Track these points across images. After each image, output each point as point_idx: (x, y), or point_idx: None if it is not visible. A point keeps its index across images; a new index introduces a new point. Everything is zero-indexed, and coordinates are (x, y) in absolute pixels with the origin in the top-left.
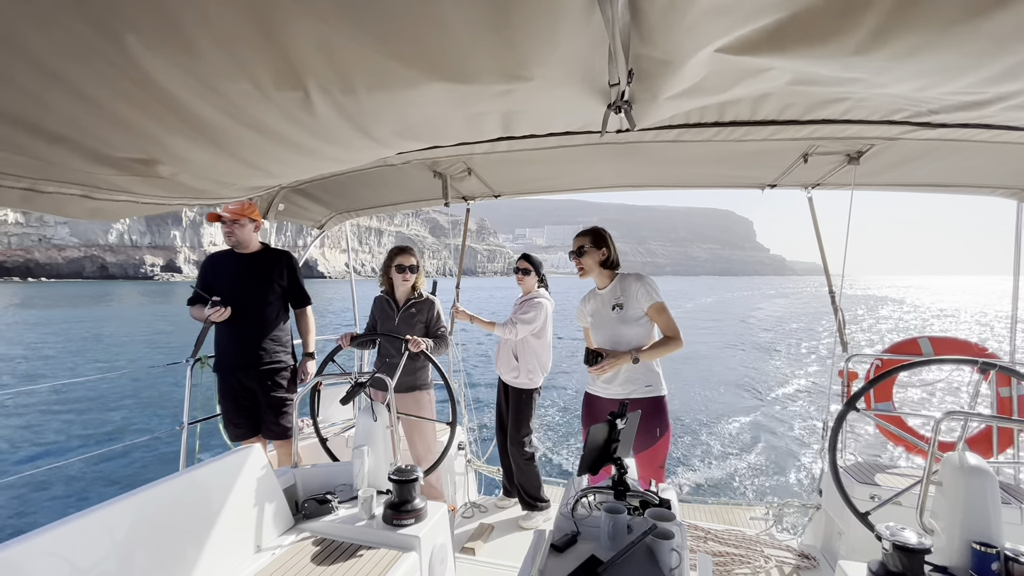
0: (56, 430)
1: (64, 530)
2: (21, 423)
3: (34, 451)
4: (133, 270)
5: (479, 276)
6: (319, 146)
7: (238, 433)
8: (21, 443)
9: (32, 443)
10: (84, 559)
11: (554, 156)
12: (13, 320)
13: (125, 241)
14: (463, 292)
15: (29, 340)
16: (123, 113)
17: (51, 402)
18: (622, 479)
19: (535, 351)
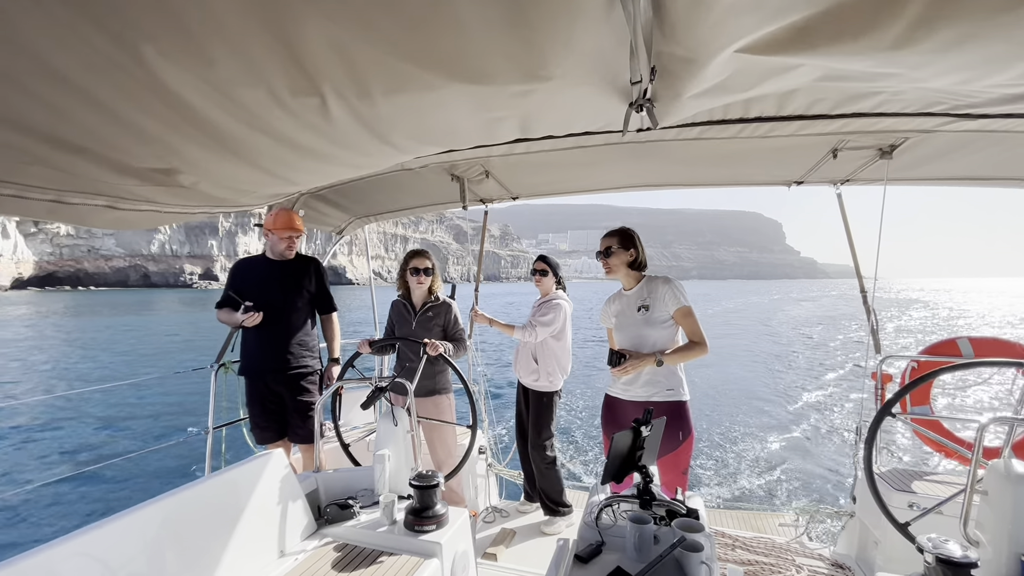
0: (87, 435)
1: (96, 534)
2: (57, 428)
3: (65, 456)
4: (173, 278)
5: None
6: (336, 152)
7: (264, 436)
8: (52, 448)
9: (63, 448)
10: (115, 562)
11: (573, 157)
12: (63, 326)
13: (166, 251)
14: (483, 297)
15: (77, 346)
16: (142, 123)
17: (86, 407)
18: (648, 488)
19: (555, 353)
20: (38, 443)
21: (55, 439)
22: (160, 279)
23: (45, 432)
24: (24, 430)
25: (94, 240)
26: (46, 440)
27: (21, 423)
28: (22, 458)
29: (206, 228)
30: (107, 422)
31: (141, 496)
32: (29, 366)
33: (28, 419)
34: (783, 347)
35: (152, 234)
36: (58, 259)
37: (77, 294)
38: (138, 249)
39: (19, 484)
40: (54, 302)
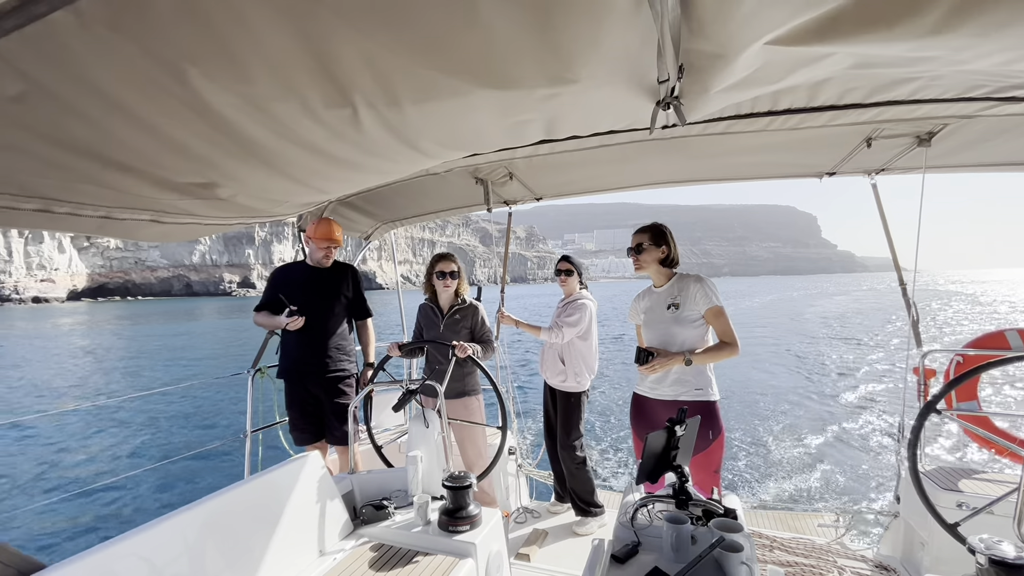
0: (132, 440)
1: (144, 536)
2: (104, 434)
3: (110, 462)
4: (214, 287)
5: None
6: (365, 160)
7: (303, 438)
8: (99, 454)
9: (110, 454)
10: (162, 562)
11: (597, 156)
12: (122, 334)
13: (206, 261)
14: (509, 299)
15: (126, 353)
16: (185, 141)
17: (129, 413)
18: (683, 487)
19: (581, 354)
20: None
21: (108, 443)
22: (201, 288)
23: (98, 436)
24: (78, 436)
25: (140, 252)
26: (99, 444)
27: (76, 429)
28: (77, 462)
29: (243, 238)
30: (152, 427)
31: (186, 498)
32: (86, 373)
33: (83, 425)
34: (816, 342)
35: (193, 245)
36: (108, 271)
37: (126, 304)
38: (181, 260)
39: (73, 489)
40: (106, 312)
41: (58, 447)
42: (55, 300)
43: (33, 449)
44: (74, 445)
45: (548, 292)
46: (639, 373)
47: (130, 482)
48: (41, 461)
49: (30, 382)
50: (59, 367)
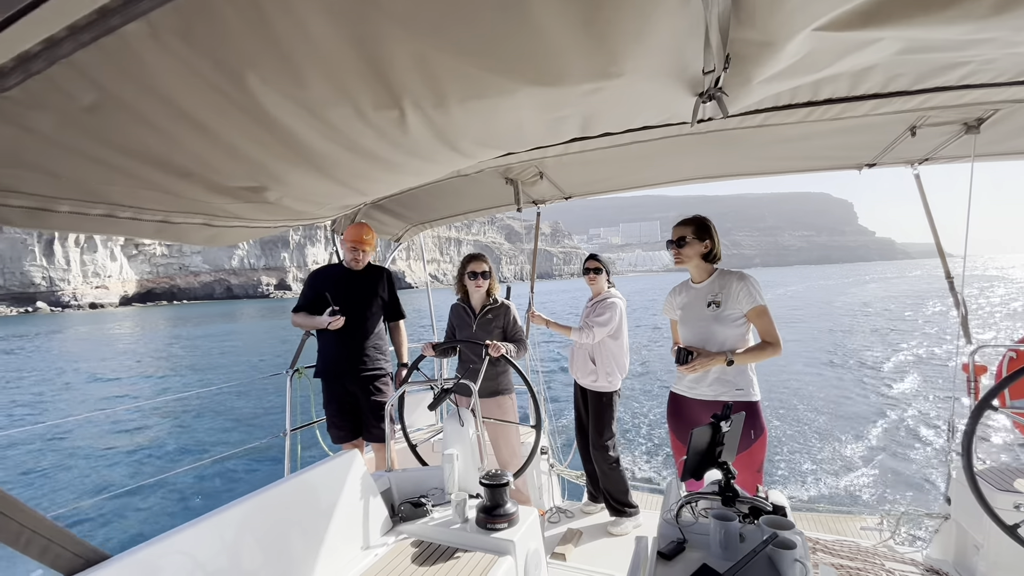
0: (177, 438)
1: (190, 532)
2: (152, 433)
3: (159, 459)
4: (252, 290)
5: (556, 279)
6: (406, 161)
7: (340, 436)
8: (148, 452)
9: (157, 451)
10: (208, 558)
11: (627, 153)
12: (164, 337)
13: (245, 265)
14: (537, 295)
15: (175, 355)
16: (240, 145)
17: (175, 413)
18: (730, 484)
19: (612, 353)
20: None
21: (156, 441)
22: (241, 291)
23: (146, 434)
24: (126, 434)
25: (184, 258)
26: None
27: (127, 427)
28: (125, 460)
29: (278, 242)
30: (196, 426)
31: (229, 495)
32: (138, 374)
33: (131, 425)
34: (852, 334)
35: (232, 250)
36: (155, 277)
37: (172, 307)
38: (221, 264)
39: (121, 486)
40: (154, 316)
41: (111, 445)
42: (109, 305)
43: (87, 447)
44: (125, 443)
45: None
46: (678, 372)
47: (176, 479)
48: (94, 458)
49: (88, 383)
50: (114, 369)
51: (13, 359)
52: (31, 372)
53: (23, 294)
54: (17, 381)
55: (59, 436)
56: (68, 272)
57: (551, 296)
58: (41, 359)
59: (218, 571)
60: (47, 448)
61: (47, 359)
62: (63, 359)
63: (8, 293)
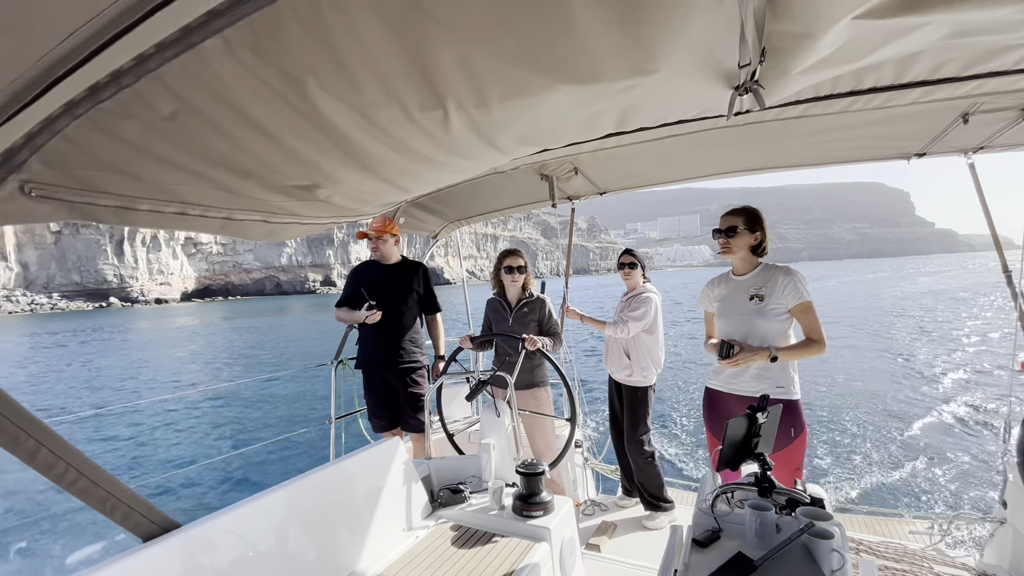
0: (232, 424)
1: (241, 511)
2: (205, 420)
3: (212, 444)
4: (300, 286)
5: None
6: (447, 159)
7: (380, 425)
8: (210, 433)
9: (212, 436)
10: (258, 536)
11: (663, 147)
12: (222, 328)
13: (293, 262)
14: (572, 291)
15: (231, 345)
16: (297, 147)
17: (231, 399)
18: (766, 475)
19: (647, 347)
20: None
21: (211, 426)
22: (289, 287)
23: (200, 420)
24: (183, 419)
25: (238, 256)
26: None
27: (179, 415)
28: (182, 442)
29: (323, 240)
30: (248, 413)
31: (278, 477)
32: (200, 364)
33: (186, 411)
34: (903, 330)
35: (281, 248)
36: (212, 274)
37: (227, 303)
38: (271, 262)
39: (179, 466)
40: (212, 310)
41: (176, 426)
42: (172, 301)
43: (147, 430)
44: (188, 425)
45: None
46: (719, 365)
47: (232, 460)
48: (159, 438)
49: (156, 372)
50: (179, 358)
51: (91, 348)
52: (108, 360)
53: (97, 290)
54: (97, 368)
55: (130, 417)
56: (136, 270)
57: (586, 291)
58: (115, 349)
59: (272, 545)
60: (119, 427)
61: (121, 349)
62: (135, 349)
63: (85, 289)
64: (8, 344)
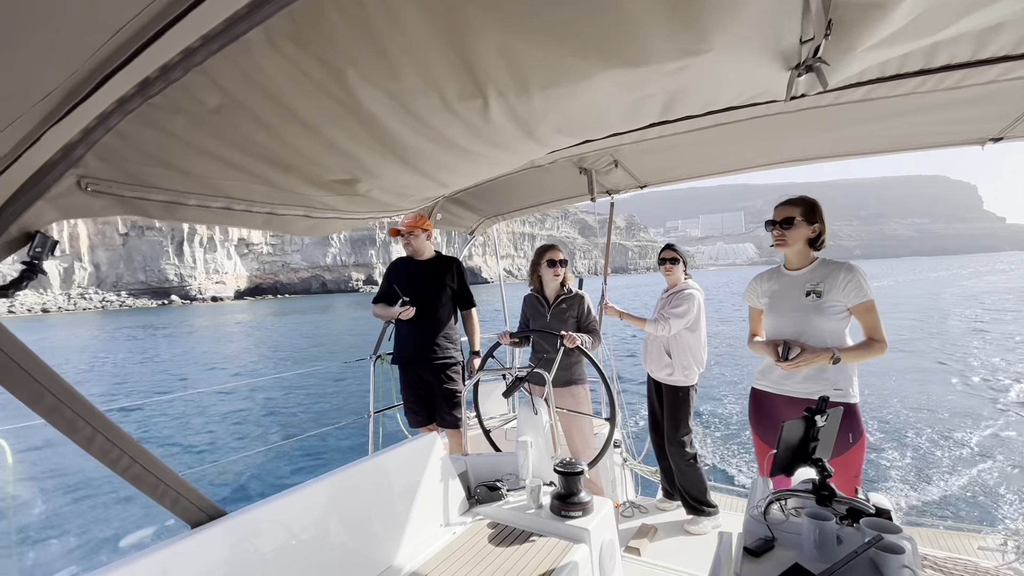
0: (276, 416)
1: (284, 501)
2: (254, 410)
3: (257, 434)
4: (343, 284)
5: (631, 273)
6: (485, 151)
7: (417, 420)
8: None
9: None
10: (299, 526)
11: (708, 137)
12: (271, 324)
13: (337, 262)
14: (611, 289)
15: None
16: (336, 139)
17: (271, 393)
18: (825, 482)
19: (689, 346)
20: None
21: (261, 414)
22: (334, 286)
23: (247, 412)
24: (231, 410)
25: (286, 256)
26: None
27: (228, 406)
28: (229, 432)
29: (366, 240)
30: (291, 405)
31: (318, 469)
32: (253, 357)
33: (238, 402)
34: (966, 331)
35: (326, 248)
36: (262, 273)
37: (276, 301)
38: (317, 261)
39: (226, 454)
40: (262, 308)
41: (221, 419)
42: (226, 299)
43: (198, 420)
44: (237, 416)
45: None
46: (768, 366)
47: (272, 453)
48: (208, 427)
49: (214, 363)
50: (235, 352)
51: (154, 343)
52: (174, 351)
53: (160, 288)
54: (166, 359)
55: (184, 407)
56: (195, 269)
57: (625, 291)
58: (176, 343)
59: (313, 535)
60: (170, 416)
61: (181, 343)
62: (194, 343)
63: (149, 288)
64: (86, 337)
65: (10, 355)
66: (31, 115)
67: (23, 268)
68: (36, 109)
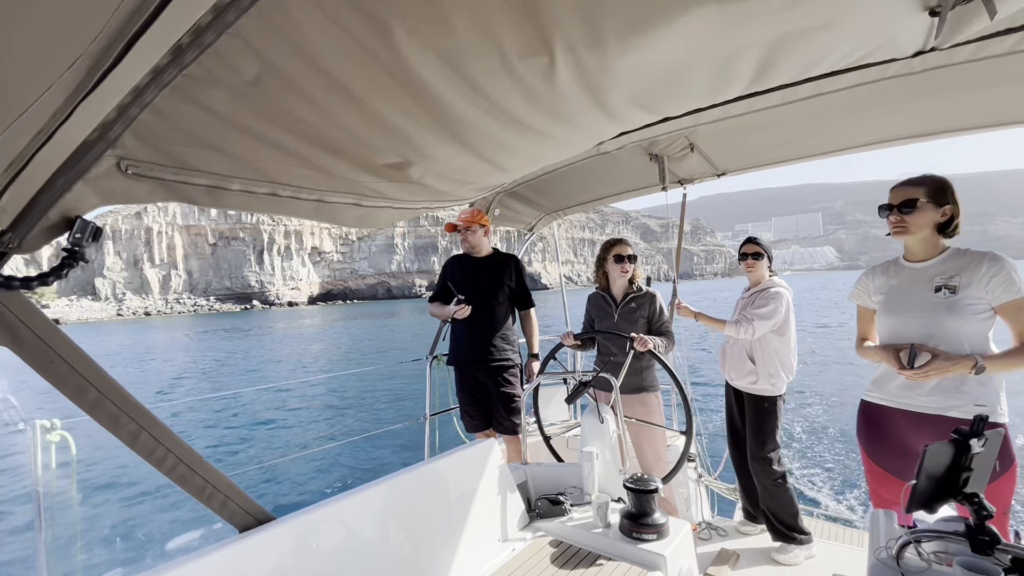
0: (333, 415)
1: (336, 507)
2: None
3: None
4: (407, 290)
5: (696, 279)
6: (548, 127)
7: (473, 424)
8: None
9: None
10: (350, 532)
11: (800, 113)
12: (338, 329)
13: (402, 268)
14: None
15: (347, 342)
16: (384, 113)
17: (330, 393)
18: (984, 526)
19: (776, 351)
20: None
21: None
22: (398, 291)
23: (311, 411)
24: (296, 410)
25: (354, 264)
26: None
27: (293, 405)
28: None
29: (428, 248)
30: (349, 405)
31: (374, 471)
32: (325, 360)
33: (299, 400)
34: None
35: (391, 255)
36: (332, 280)
37: (346, 306)
38: (383, 268)
39: (287, 452)
40: (333, 312)
41: (284, 417)
42: (301, 304)
43: (263, 417)
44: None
45: (717, 288)
46: (882, 374)
47: (329, 453)
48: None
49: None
50: (313, 354)
51: (237, 343)
52: (258, 351)
53: (243, 294)
54: (250, 358)
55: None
56: (273, 276)
57: (692, 296)
58: (255, 343)
59: (365, 544)
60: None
61: (261, 343)
62: (273, 344)
63: (233, 293)
64: (183, 337)
65: (56, 350)
66: (60, 86)
67: (64, 256)
68: (65, 80)
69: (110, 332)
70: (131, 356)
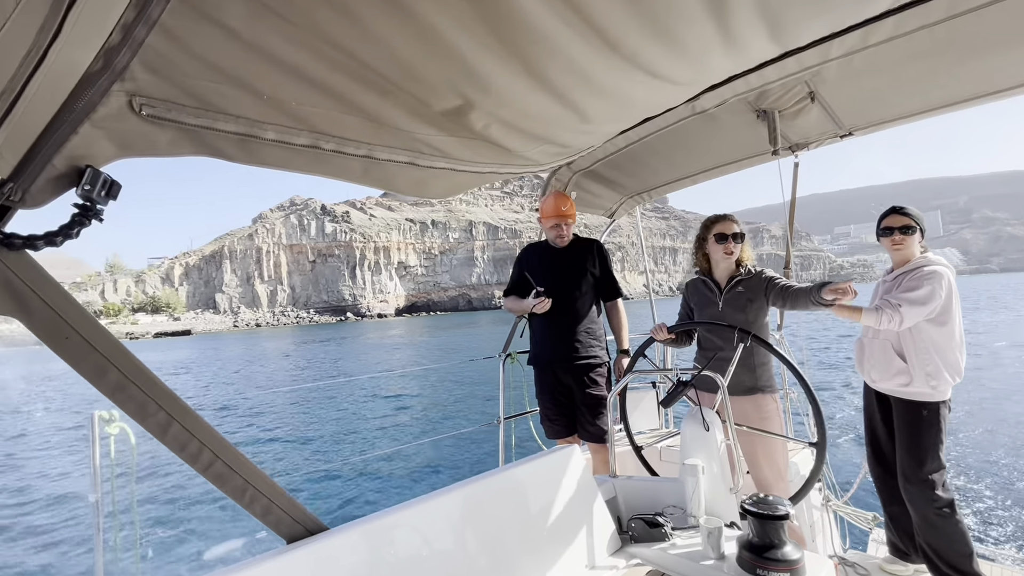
0: (405, 415)
1: (394, 517)
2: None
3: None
4: (487, 302)
5: None
6: (645, 53)
7: (554, 430)
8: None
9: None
10: (411, 546)
11: (964, 36)
12: (428, 337)
13: (481, 280)
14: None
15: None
16: (438, 28)
17: (407, 391)
18: None
19: (935, 345)
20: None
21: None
22: (479, 303)
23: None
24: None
25: (437, 277)
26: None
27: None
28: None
29: (507, 260)
30: (424, 406)
31: (445, 475)
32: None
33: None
34: None
35: (472, 268)
36: (417, 292)
37: (428, 317)
38: (463, 280)
39: (358, 453)
40: (418, 323)
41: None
42: (389, 315)
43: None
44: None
45: None
46: None
47: (400, 455)
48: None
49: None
50: (400, 360)
51: (333, 350)
52: (355, 356)
53: (337, 306)
54: (332, 366)
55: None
56: (364, 290)
57: None
58: (347, 350)
59: (429, 559)
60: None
61: (352, 350)
62: (364, 351)
63: (329, 306)
64: (289, 345)
65: (71, 323)
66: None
67: (74, 212)
68: None
69: (231, 343)
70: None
